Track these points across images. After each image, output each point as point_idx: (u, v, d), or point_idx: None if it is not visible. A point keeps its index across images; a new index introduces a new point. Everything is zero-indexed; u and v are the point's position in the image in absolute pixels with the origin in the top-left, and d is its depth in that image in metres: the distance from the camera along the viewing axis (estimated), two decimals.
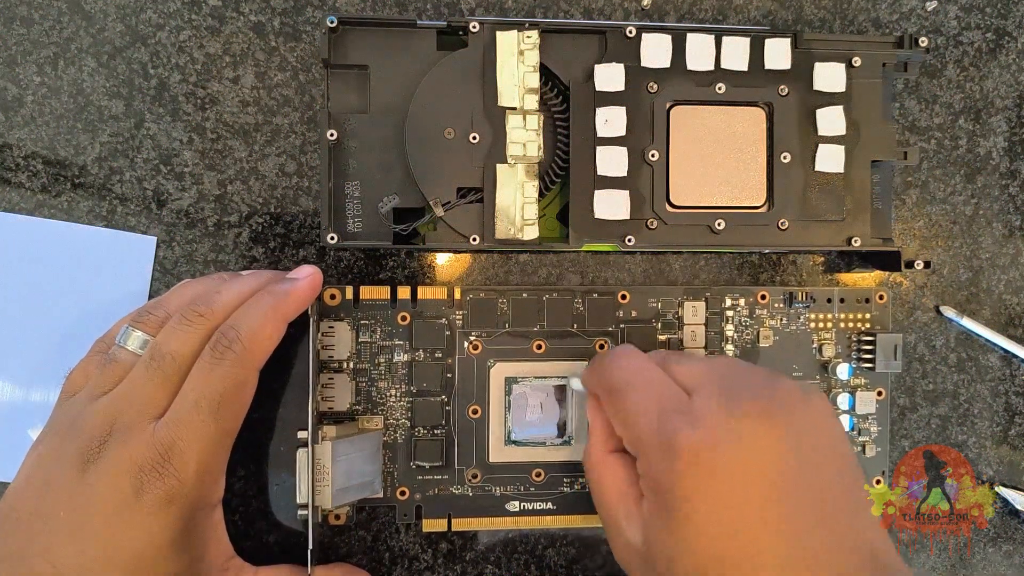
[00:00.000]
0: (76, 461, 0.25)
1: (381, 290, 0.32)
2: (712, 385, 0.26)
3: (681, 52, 0.32)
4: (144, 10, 0.33)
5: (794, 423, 0.25)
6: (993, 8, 0.37)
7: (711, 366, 0.27)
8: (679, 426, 0.25)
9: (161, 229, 0.33)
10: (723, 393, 0.26)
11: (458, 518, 0.33)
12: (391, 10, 0.34)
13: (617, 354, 0.29)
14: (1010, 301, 0.37)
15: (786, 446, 0.24)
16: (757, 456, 0.24)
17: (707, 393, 0.26)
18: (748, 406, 0.25)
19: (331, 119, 0.30)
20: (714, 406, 0.25)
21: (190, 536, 0.26)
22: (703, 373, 0.27)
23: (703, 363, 0.28)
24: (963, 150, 0.37)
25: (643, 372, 0.28)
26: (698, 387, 0.26)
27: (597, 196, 0.32)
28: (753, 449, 0.24)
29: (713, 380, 0.26)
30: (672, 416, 0.25)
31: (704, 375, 0.27)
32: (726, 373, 0.27)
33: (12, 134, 0.33)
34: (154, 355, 0.26)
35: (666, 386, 0.27)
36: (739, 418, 0.25)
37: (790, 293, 0.35)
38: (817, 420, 0.26)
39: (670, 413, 0.25)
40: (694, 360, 0.28)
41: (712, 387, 0.26)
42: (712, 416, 0.25)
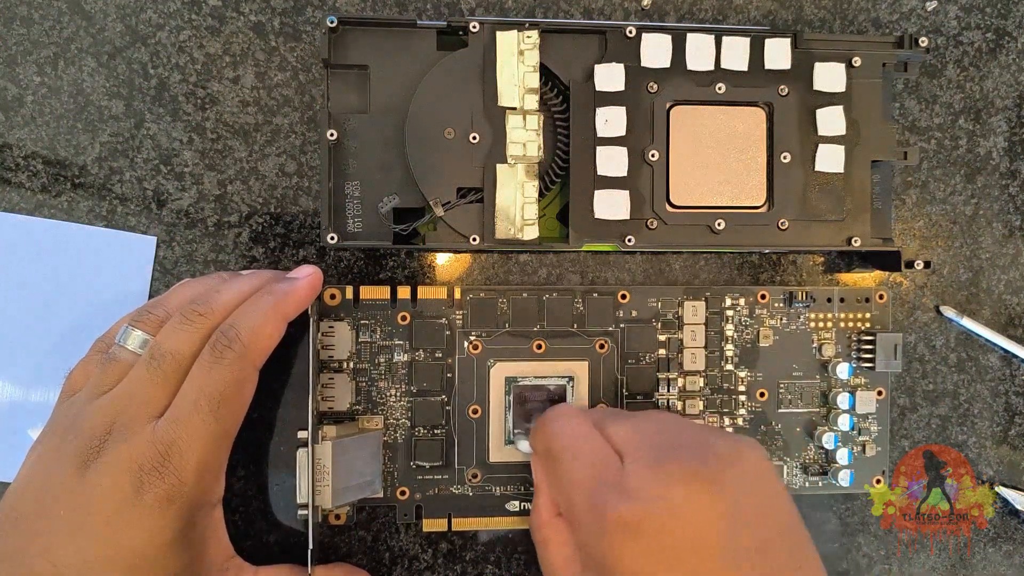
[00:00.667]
0: (76, 460, 0.25)
1: (381, 290, 0.32)
2: (643, 449, 0.26)
3: (681, 52, 0.32)
4: (144, 10, 0.33)
5: (728, 483, 0.24)
6: (993, 8, 0.37)
7: (644, 427, 0.27)
8: (609, 498, 0.24)
9: (161, 229, 0.33)
10: (653, 458, 0.25)
11: (458, 518, 0.33)
12: (391, 10, 0.34)
13: (554, 417, 0.29)
14: (1010, 301, 0.37)
15: (720, 509, 0.24)
16: (689, 523, 0.24)
17: (638, 458, 0.26)
18: (678, 471, 0.24)
19: (331, 119, 0.31)
20: (644, 473, 0.25)
21: (190, 535, 0.26)
22: (635, 436, 0.27)
23: (637, 423, 0.27)
24: (963, 150, 0.37)
25: (578, 438, 0.27)
26: (630, 451, 0.26)
27: (597, 196, 0.32)
28: (684, 517, 0.24)
29: (644, 443, 0.26)
30: (603, 488, 0.25)
31: (636, 438, 0.27)
32: (658, 434, 0.27)
33: (12, 134, 0.33)
34: (154, 354, 0.26)
35: (600, 453, 0.27)
36: (669, 485, 0.24)
37: (790, 293, 0.35)
38: (753, 477, 0.25)
39: (601, 484, 0.25)
40: (628, 421, 0.28)
41: (643, 451, 0.26)
42: (642, 485, 0.24)
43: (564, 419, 0.29)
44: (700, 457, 0.25)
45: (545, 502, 0.29)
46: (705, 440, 0.26)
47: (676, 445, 0.26)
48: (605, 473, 0.26)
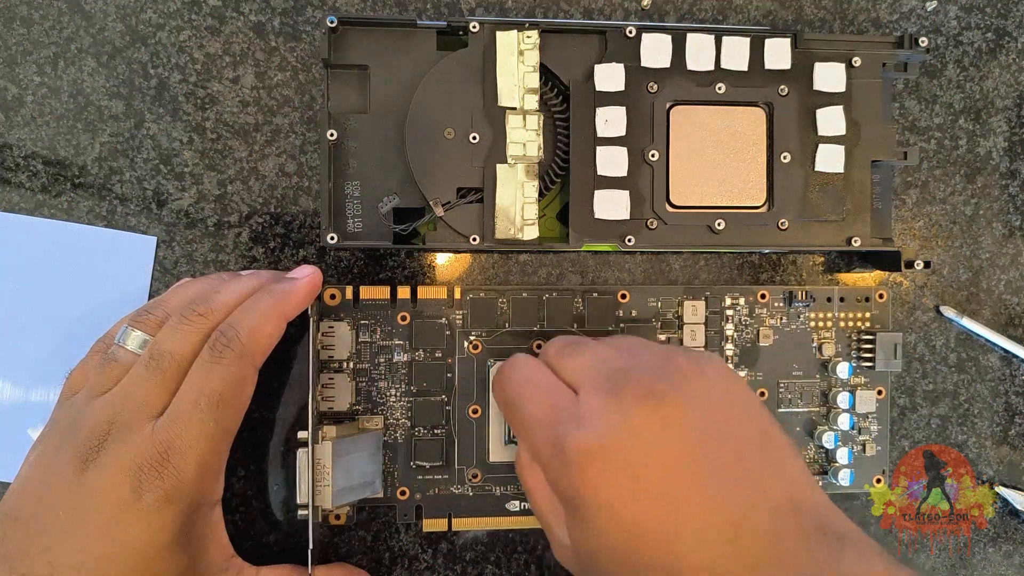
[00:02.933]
0: (75, 460, 0.25)
1: (381, 290, 0.32)
2: (596, 379, 0.25)
3: (681, 52, 0.32)
4: (144, 10, 0.33)
5: (689, 398, 0.24)
6: (993, 8, 0.37)
7: (596, 358, 0.27)
8: (567, 431, 0.24)
9: (161, 229, 0.33)
10: (607, 385, 0.25)
11: (458, 518, 0.33)
12: (391, 10, 0.34)
13: (507, 365, 0.29)
14: (1010, 301, 0.37)
15: (681, 425, 0.24)
16: (650, 442, 0.23)
17: (591, 388, 0.25)
18: (632, 392, 0.24)
19: (331, 119, 0.31)
20: (598, 402, 0.25)
21: (190, 535, 0.26)
22: (588, 367, 0.26)
23: (589, 355, 0.27)
24: (963, 150, 0.37)
25: (531, 382, 0.27)
26: (583, 384, 0.26)
27: (597, 196, 0.32)
28: (643, 436, 0.23)
29: (598, 373, 0.26)
30: (560, 422, 0.25)
31: (589, 369, 0.26)
32: (612, 363, 0.26)
33: (12, 134, 0.33)
34: (153, 354, 0.26)
35: (554, 392, 0.26)
36: (624, 408, 0.24)
37: (790, 292, 0.35)
38: (715, 387, 0.25)
39: (558, 419, 0.25)
40: (582, 353, 0.27)
41: (596, 381, 0.25)
42: (597, 413, 0.24)
43: (516, 366, 0.28)
44: (656, 375, 0.25)
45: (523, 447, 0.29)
46: (663, 359, 0.26)
47: (631, 368, 0.26)
48: (560, 408, 0.25)
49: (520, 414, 0.27)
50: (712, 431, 0.24)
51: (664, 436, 0.24)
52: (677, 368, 0.25)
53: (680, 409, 0.24)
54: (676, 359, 0.26)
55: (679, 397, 0.24)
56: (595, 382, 0.25)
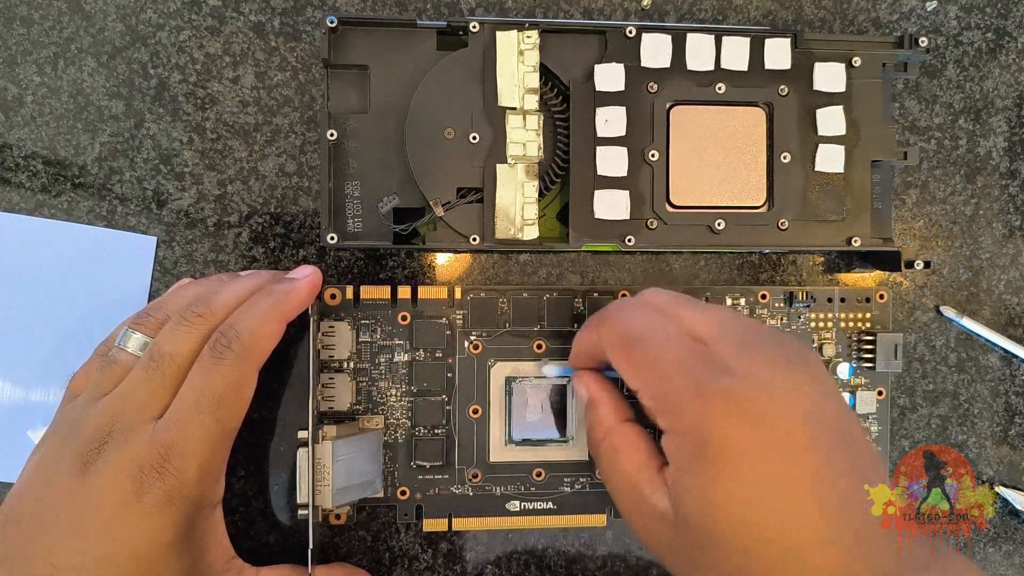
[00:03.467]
0: (76, 462, 0.25)
1: (381, 290, 0.32)
2: (729, 335, 0.26)
3: (681, 52, 0.32)
4: (144, 10, 0.33)
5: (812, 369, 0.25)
6: (993, 8, 0.37)
7: (722, 316, 0.27)
8: (707, 374, 0.24)
9: (161, 229, 0.33)
10: (741, 342, 0.25)
11: (458, 518, 0.33)
12: (391, 10, 0.34)
13: (623, 306, 0.28)
14: (1010, 301, 0.37)
15: (813, 396, 0.24)
16: (789, 402, 0.23)
17: (725, 342, 0.25)
18: (771, 355, 0.24)
19: (331, 119, 0.31)
20: (736, 355, 0.25)
21: (191, 536, 0.26)
22: (716, 323, 0.26)
23: (712, 313, 0.27)
24: (963, 150, 0.37)
25: (658, 323, 0.27)
26: (713, 338, 0.26)
27: (597, 196, 0.32)
28: (785, 396, 0.24)
29: (727, 331, 0.26)
30: (697, 365, 0.25)
31: (717, 325, 0.26)
32: (737, 324, 0.26)
33: (12, 134, 0.33)
34: (153, 355, 0.26)
35: (687, 339, 0.26)
36: (764, 367, 0.24)
37: (790, 293, 0.35)
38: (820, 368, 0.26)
39: (695, 363, 0.25)
40: (702, 309, 0.27)
41: (728, 337, 0.25)
42: (738, 364, 0.24)
43: (635, 308, 0.28)
44: (784, 346, 0.25)
45: (607, 411, 0.28)
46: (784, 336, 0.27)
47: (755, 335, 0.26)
48: (696, 354, 0.25)
49: (649, 353, 0.26)
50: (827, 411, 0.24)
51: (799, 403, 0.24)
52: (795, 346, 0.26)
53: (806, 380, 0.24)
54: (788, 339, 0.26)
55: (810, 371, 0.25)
56: (727, 337, 0.25)
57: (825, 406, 0.24)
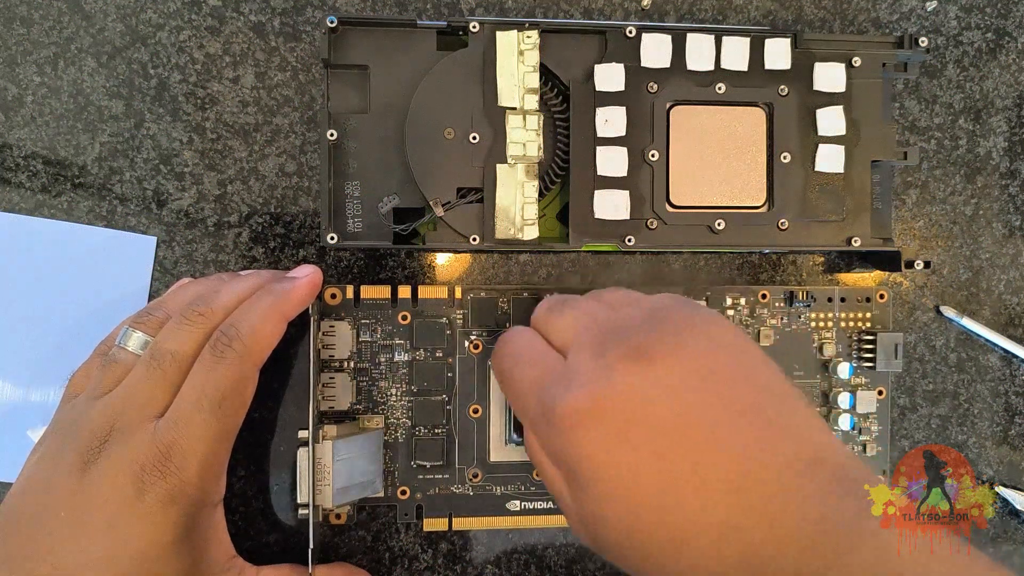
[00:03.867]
0: (77, 461, 0.25)
1: (382, 289, 0.32)
2: (584, 339, 0.24)
3: (681, 52, 0.32)
4: (144, 10, 0.33)
5: (680, 353, 0.23)
6: (993, 8, 0.37)
7: (582, 315, 0.26)
8: (555, 393, 0.23)
9: (161, 229, 0.33)
10: (595, 344, 0.24)
11: (459, 517, 0.33)
12: (391, 10, 0.34)
13: (501, 339, 0.28)
14: (1010, 301, 0.37)
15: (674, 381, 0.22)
16: (638, 402, 0.22)
17: (579, 348, 0.24)
18: (620, 350, 0.23)
19: (331, 119, 0.31)
20: (586, 361, 0.23)
21: (192, 536, 0.26)
22: (574, 327, 0.25)
23: (580, 314, 0.26)
24: (963, 150, 0.37)
25: (521, 350, 0.27)
26: (571, 345, 0.25)
27: (597, 196, 0.32)
28: (632, 396, 0.22)
29: (586, 333, 0.25)
30: (548, 387, 0.24)
31: (575, 329, 0.25)
32: (598, 320, 0.25)
33: (12, 134, 0.33)
34: (154, 354, 0.26)
35: (543, 356, 0.26)
36: (611, 366, 0.23)
37: (791, 292, 0.35)
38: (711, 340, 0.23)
39: (547, 382, 0.24)
40: (571, 311, 0.26)
41: (584, 341, 0.24)
42: (584, 374, 0.23)
43: (509, 339, 0.28)
44: (645, 332, 0.23)
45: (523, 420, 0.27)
46: (652, 314, 0.25)
47: (620, 325, 0.24)
48: (548, 372, 0.25)
49: (512, 384, 0.26)
50: (709, 387, 0.22)
51: (654, 395, 0.22)
52: (669, 322, 0.24)
53: (672, 366, 0.22)
54: (668, 313, 0.24)
55: (670, 352, 0.23)
56: (582, 342, 0.24)
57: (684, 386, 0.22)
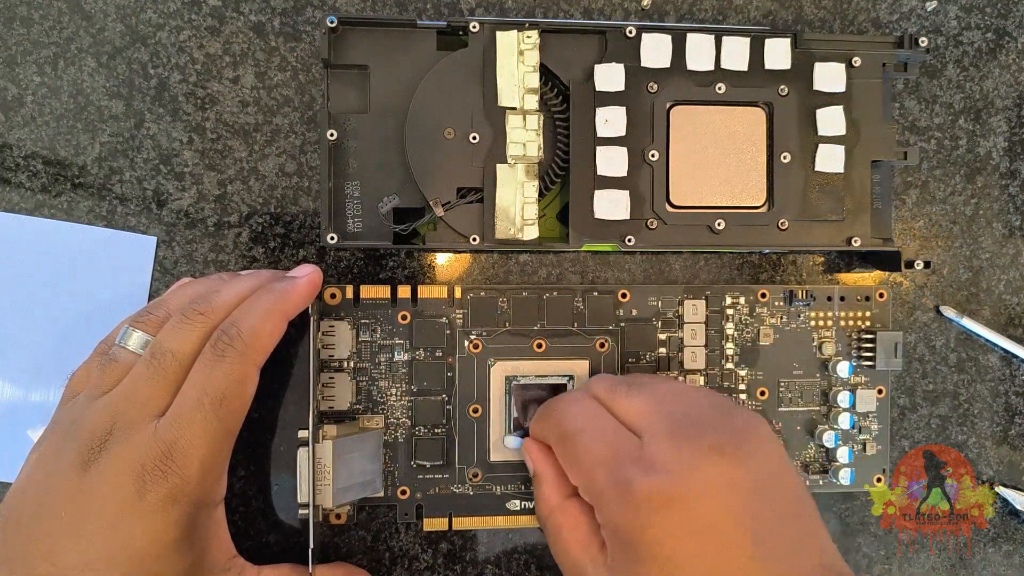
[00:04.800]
0: (77, 461, 0.25)
1: (381, 289, 0.32)
2: (660, 424, 0.26)
3: (681, 52, 0.32)
4: (144, 10, 0.33)
5: (747, 455, 0.25)
6: (993, 8, 0.37)
7: (657, 402, 0.27)
8: (634, 473, 0.25)
9: (161, 229, 0.33)
10: (673, 433, 0.25)
11: (459, 517, 0.33)
12: (391, 10, 0.34)
13: (563, 401, 0.29)
14: (1010, 301, 0.38)
15: (746, 483, 0.24)
16: (717, 496, 0.24)
17: (657, 433, 0.26)
18: (702, 444, 0.25)
19: (331, 119, 0.31)
20: (666, 446, 0.25)
21: (193, 535, 0.26)
22: (650, 412, 0.27)
23: (648, 398, 0.27)
24: (963, 150, 0.37)
25: (592, 418, 0.28)
26: (647, 428, 0.26)
27: (597, 196, 0.32)
28: (710, 492, 0.24)
29: (661, 419, 0.26)
30: (626, 464, 0.25)
31: (651, 414, 0.27)
32: (673, 408, 0.27)
33: (12, 134, 0.33)
34: (155, 353, 0.26)
35: (615, 431, 0.27)
36: (695, 458, 0.24)
37: (790, 291, 0.35)
38: (767, 449, 0.26)
39: (623, 460, 0.25)
40: (639, 395, 0.27)
41: (661, 427, 0.26)
42: (666, 458, 0.25)
43: (570, 402, 0.29)
44: (719, 430, 0.25)
45: (550, 489, 0.29)
46: (720, 412, 0.26)
47: (692, 418, 0.26)
48: (625, 449, 0.26)
49: (579, 449, 0.27)
50: (764, 494, 0.25)
51: (729, 494, 0.24)
52: (736, 424, 0.26)
53: (742, 468, 0.24)
54: (733, 415, 0.26)
55: (741, 456, 0.25)
56: (660, 427, 0.26)
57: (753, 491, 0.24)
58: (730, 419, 0.26)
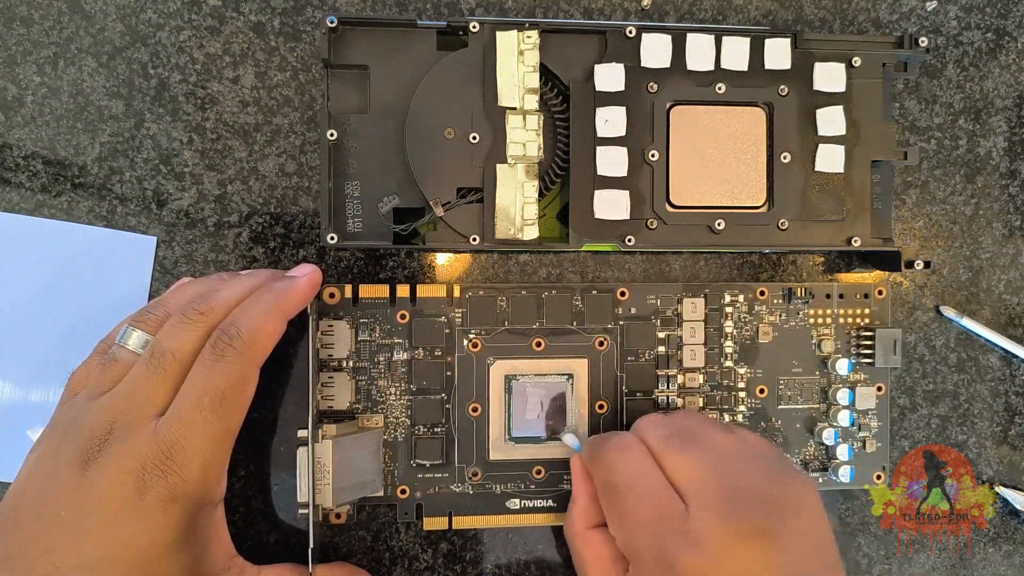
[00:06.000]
0: (77, 460, 0.25)
1: (380, 288, 0.32)
2: (709, 495, 0.26)
3: (681, 52, 0.32)
4: (144, 10, 0.33)
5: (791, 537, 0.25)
6: (993, 8, 0.37)
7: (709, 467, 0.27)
8: (676, 544, 0.25)
9: (161, 229, 0.33)
10: (720, 505, 0.26)
11: (459, 516, 0.33)
12: (391, 10, 0.34)
13: (614, 447, 0.29)
14: (1010, 301, 0.37)
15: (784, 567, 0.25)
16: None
17: (704, 505, 0.26)
18: (745, 525, 0.25)
19: (331, 119, 0.31)
20: (711, 522, 0.25)
21: (193, 535, 0.26)
22: (700, 477, 0.27)
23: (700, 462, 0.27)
24: (963, 150, 0.37)
25: (640, 475, 0.28)
26: (694, 496, 0.26)
27: (597, 196, 0.32)
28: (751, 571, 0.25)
29: (709, 486, 0.26)
30: (669, 532, 0.26)
31: (701, 480, 0.27)
32: (724, 477, 0.27)
33: (12, 134, 0.33)
34: (154, 353, 0.26)
35: (663, 495, 0.27)
36: (736, 540, 0.25)
37: (789, 289, 0.35)
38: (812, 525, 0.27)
39: (667, 529, 0.26)
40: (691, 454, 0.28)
41: (708, 496, 0.26)
42: (709, 535, 0.25)
43: (623, 452, 0.29)
44: (767, 509, 0.26)
45: (581, 513, 0.30)
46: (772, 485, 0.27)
47: (742, 491, 0.26)
48: (670, 516, 0.26)
49: (625, 506, 0.27)
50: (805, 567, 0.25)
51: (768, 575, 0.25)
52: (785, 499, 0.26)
53: (782, 553, 0.25)
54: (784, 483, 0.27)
55: (783, 540, 0.25)
56: (707, 500, 0.26)
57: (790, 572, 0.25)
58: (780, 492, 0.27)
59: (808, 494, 0.27)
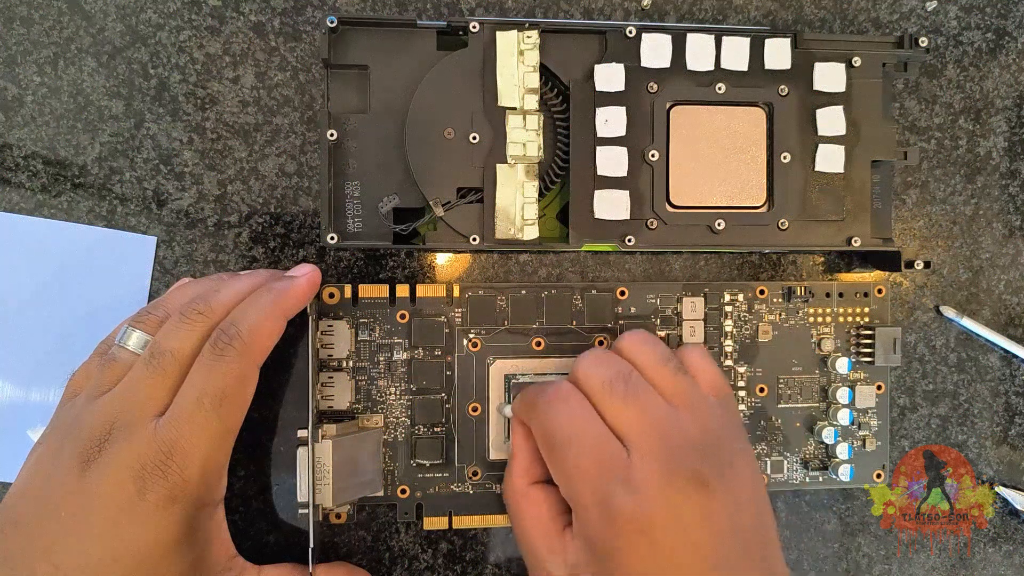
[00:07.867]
0: (76, 461, 0.25)
1: (380, 288, 0.32)
2: (653, 445, 0.26)
3: (681, 52, 0.32)
4: (144, 10, 0.33)
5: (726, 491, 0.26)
6: (993, 8, 0.37)
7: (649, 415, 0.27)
8: (617, 491, 0.25)
9: (161, 229, 0.33)
10: (660, 453, 0.26)
11: (459, 516, 0.33)
12: (391, 10, 0.34)
13: (556, 398, 0.28)
14: (1010, 301, 0.37)
15: (718, 516, 0.26)
16: (690, 527, 0.25)
17: (645, 452, 0.26)
18: (685, 472, 0.26)
19: (331, 119, 0.31)
20: (653, 472, 0.26)
21: (193, 535, 0.26)
22: (641, 426, 0.27)
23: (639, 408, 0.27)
24: (963, 150, 0.37)
25: (580, 424, 0.27)
26: (638, 445, 0.26)
27: (597, 196, 0.32)
28: (688, 521, 0.25)
29: (654, 439, 0.26)
30: (611, 481, 0.26)
31: (642, 429, 0.27)
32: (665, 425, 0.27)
33: (12, 134, 0.33)
34: (154, 353, 0.26)
35: (605, 444, 0.27)
36: (676, 487, 0.25)
37: (789, 288, 0.35)
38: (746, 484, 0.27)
39: (608, 476, 0.26)
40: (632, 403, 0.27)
41: (650, 448, 0.26)
42: (651, 484, 0.25)
43: (562, 403, 0.28)
44: (704, 457, 0.26)
45: (520, 470, 0.30)
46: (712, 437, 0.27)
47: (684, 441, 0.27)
48: (612, 465, 0.26)
49: (566, 457, 0.27)
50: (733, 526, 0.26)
51: (700, 524, 0.25)
52: (724, 454, 0.27)
53: (720, 502, 0.26)
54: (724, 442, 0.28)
55: (722, 489, 0.26)
56: (648, 449, 0.26)
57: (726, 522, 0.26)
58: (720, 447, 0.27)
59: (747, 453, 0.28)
